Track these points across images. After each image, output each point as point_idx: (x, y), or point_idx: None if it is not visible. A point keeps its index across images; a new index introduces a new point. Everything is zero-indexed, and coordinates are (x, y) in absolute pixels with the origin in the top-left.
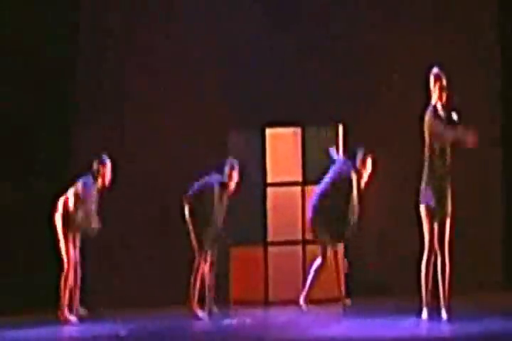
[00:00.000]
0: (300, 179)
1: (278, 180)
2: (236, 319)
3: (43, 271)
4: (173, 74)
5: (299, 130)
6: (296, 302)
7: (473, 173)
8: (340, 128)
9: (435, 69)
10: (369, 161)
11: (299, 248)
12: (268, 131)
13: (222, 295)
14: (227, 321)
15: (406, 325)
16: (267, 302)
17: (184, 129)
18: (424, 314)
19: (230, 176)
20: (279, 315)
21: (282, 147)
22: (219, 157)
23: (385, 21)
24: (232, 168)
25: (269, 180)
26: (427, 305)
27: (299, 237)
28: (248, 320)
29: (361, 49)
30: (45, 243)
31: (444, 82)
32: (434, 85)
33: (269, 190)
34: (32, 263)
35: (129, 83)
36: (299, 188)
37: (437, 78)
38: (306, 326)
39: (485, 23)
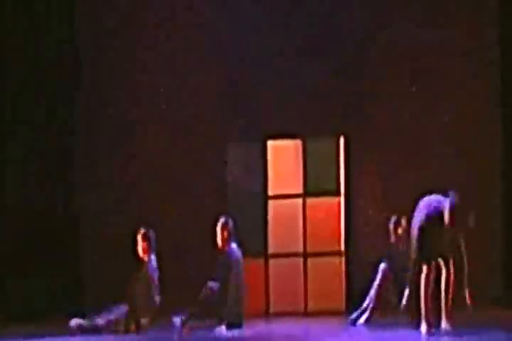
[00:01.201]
0: (301, 191)
1: (279, 192)
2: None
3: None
4: (173, 85)
5: (299, 142)
6: (297, 314)
7: (473, 175)
8: (342, 139)
9: None
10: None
11: (300, 260)
12: (269, 143)
13: None
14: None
15: (406, 338)
16: (267, 314)
17: (184, 142)
18: (423, 328)
19: None
20: (282, 327)
21: (283, 159)
22: (220, 170)
23: (385, 24)
24: None
25: (270, 192)
26: (426, 319)
27: (300, 249)
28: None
29: (361, 54)
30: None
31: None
32: None
33: (271, 203)
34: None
35: (131, 90)
36: (300, 200)
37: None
38: (307, 338)
39: (485, 23)
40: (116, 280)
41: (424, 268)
